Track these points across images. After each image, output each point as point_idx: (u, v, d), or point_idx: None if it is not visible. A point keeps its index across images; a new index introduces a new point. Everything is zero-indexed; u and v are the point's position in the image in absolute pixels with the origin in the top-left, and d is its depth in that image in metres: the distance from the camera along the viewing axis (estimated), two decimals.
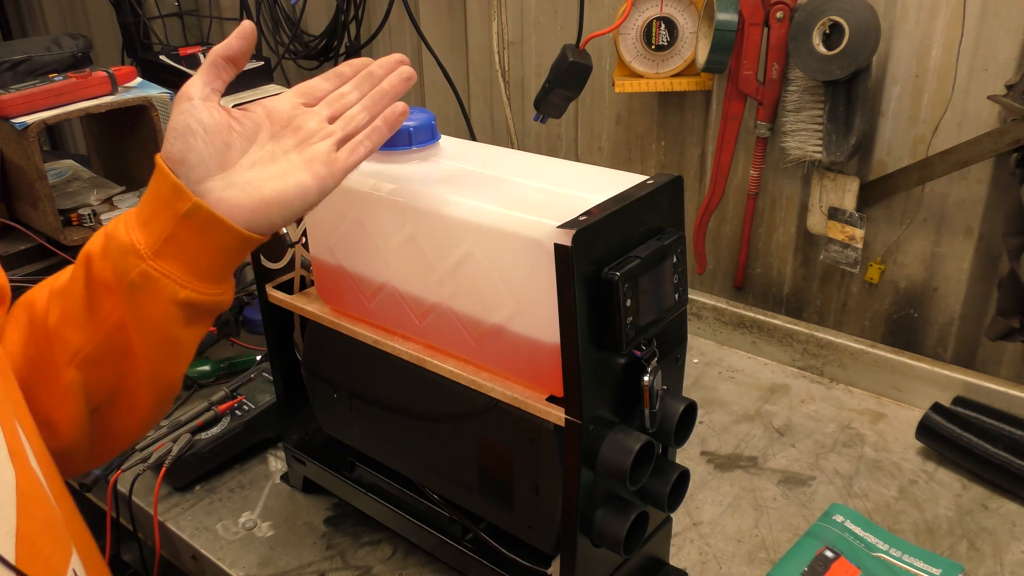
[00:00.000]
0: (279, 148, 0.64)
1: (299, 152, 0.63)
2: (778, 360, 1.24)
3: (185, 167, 0.59)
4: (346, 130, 0.65)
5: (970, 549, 0.89)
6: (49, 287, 0.65)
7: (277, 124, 0.65)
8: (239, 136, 0.62)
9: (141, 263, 0.59)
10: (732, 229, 1.33)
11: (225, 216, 0.59)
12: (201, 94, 0.61)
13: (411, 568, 0.88)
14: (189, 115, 0.60)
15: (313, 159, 0.63)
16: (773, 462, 1.02)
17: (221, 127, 0.61)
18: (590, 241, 0.60)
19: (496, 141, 1.59)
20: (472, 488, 0.77)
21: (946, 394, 1.09)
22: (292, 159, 0.63)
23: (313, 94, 0.68)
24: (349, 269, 0.79)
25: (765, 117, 1.18)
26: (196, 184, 0.59)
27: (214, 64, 0.63)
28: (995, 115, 1.04)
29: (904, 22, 1.07)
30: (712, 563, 0.88)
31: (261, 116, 0.64)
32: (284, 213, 0.61)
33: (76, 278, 0.62)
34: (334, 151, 0.64)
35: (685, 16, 1.20)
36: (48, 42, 1.44)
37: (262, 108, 0.65)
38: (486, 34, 1.50)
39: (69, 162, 1.49)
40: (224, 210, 0.59)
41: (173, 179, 0.58)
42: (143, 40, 1.90)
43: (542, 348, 0.66)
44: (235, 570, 0.88)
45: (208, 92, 0.62)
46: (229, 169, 0.61)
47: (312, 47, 1.73)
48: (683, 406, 0.69)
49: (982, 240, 1.10)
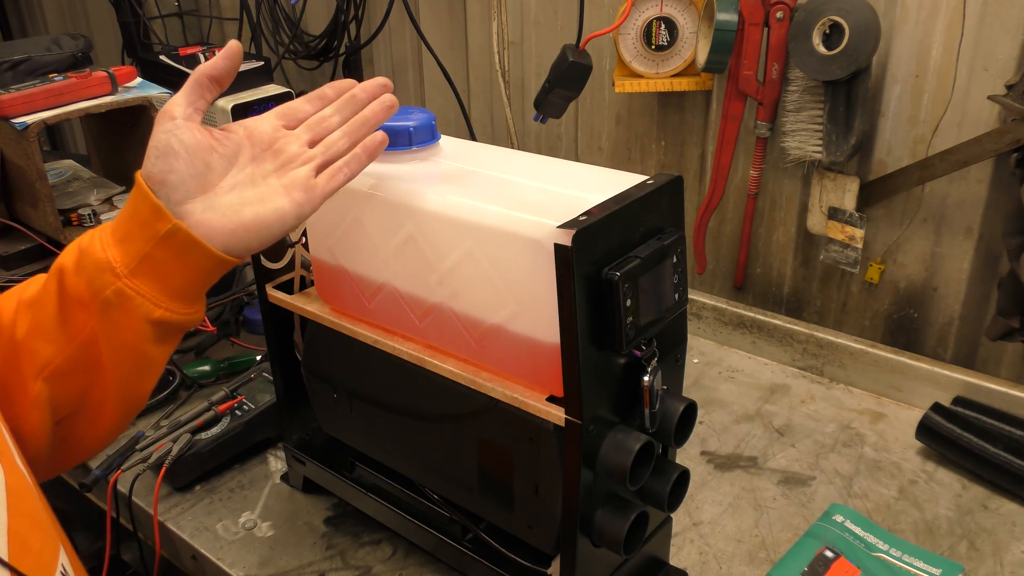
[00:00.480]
0: (259, 171, 0.64)
1: (279, 177, 0.64)
2: (778, 360, 1.24)
3: (166, 187, 0.60)
4: (326, 156, 0.66)
5: (970, 549, 0.89)
6: (17, 297, 0.64)
7: (258, 147, 0.65)
8: (220, 157, 0.62)
9: (116, 281, 0.59)
10: (732, 229, 1.33)
11: (203, 239, 0.59)
12: (184, 113, 0.62)
13: (411, 568, 0.88)
14: (171, 135, 0.60)
15: (293, 184, 0.63)
16: (773, 462, 1.02)
17: (202, 148, 0.61)
18: (590, 241, 0.60)
19: (496, 141, 1.59)
20: (472, 488, 0.77)
21: (946, 394, 1.09)
22: (271, 184, 0.63)
23: (295, 116, 0.68)
24: (349, 269, 0.79)
25: (765, 117, 1.18)
26: (176, 205, 0.60)
27: (198, 83, 0.63)
28: (995, 115, 1.04)
29: (904, 22, 1.07)
30: (712, 563, 0.88)
31: (242, 137, 0.65)
32: (262, 237, 0.62)
33: (48, 291, 0.62)
34: (313, 177, 0.64)
35: (685, 16, 1.20)
36: (48, 42, 1.44)
37: (243, 129, 0.65)
38: (486, 34, 1.50)
39: (69, 162, 1.49)
40: (203, 233, 0.60)
41: (153, 199, 0.59)
42: (143, 40, 1.90)
43: (542, 348, 0.66)
44: (235, 570, 0.88)
45: (191, 112, 0.62)
46: (209, 191, 0.61)
47: (312, 47, 1.73)
48: (683, 406, 0.69)
49: (982, 240, 1.10)
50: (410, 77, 1.71)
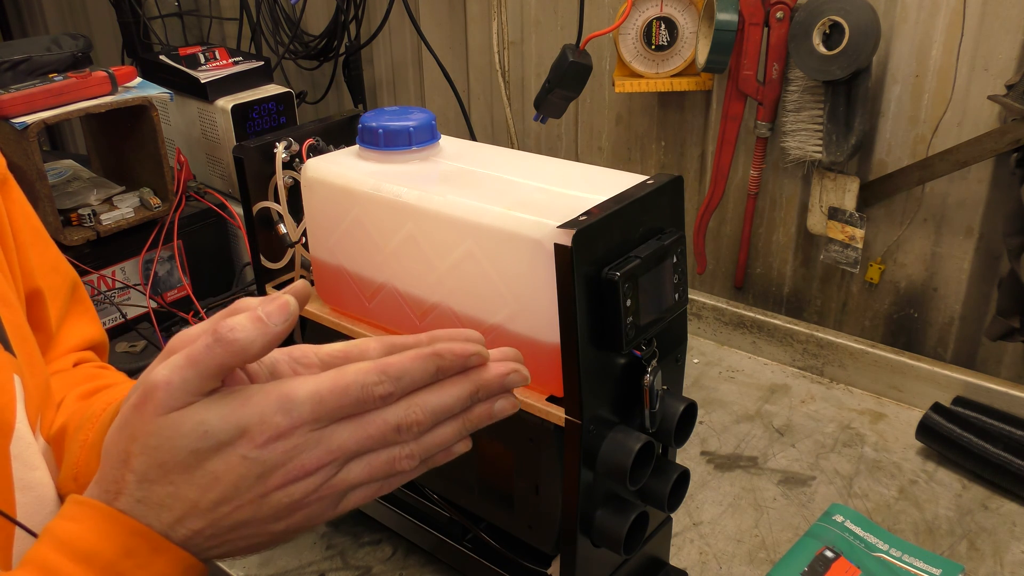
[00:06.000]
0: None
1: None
2: (778, 360, 1.24)
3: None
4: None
5: (970, 549, 0.89)
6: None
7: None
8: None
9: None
10: (732, 229, 1.33)
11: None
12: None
13: (411, 568, 0.88)
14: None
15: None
16: (773, 462, 1.02)
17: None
18: (590, 241, 0.60)
19: (496, 141, 1.59)
20: (472, 488, 0.77)
21: (946, 394, 1.09)
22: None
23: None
24: (349, 269, 0.79)
25: (765, 117, 1.18)
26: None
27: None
28: (995, 115, 1.04)
29: (904, 22, 1.07)
30: (712, 563, 0.88)
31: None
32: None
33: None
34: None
35: (685, 16, 1.20)
36: (48, 42, 1.44)
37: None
38: (486, 34, 1.50)
39: (69, 162, 1.49)
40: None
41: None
42: (143, 40, 1.90)
43: (542, 348, 0.66)
44: (235, 570, 0.88)
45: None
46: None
47: (312, 47, 1.73)
48: (683, 406, 0.69)
49: (982, 240, 1.10)
50: (410, 77, 1.71)
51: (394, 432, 0.45)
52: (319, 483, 0.44)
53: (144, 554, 0.43)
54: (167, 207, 1.34)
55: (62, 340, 0.73)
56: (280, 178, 0.83)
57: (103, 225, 1.28)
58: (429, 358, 0.46)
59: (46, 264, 0.71)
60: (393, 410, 0.45)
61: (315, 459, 0.44)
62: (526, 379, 0.49)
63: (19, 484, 0.56)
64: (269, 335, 0.44)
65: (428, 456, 0.47)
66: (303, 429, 0.43)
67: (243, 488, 0.43)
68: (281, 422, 0.43)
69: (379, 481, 0.46)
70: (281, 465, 0.43)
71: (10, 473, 0.56)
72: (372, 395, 0.44)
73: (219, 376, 0.44)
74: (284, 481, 0.43)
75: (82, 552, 0.43)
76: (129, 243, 1.32)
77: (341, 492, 0.45)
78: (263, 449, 0.43)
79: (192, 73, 1.44)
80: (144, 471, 0.44)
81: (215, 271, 1.47)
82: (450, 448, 0.48)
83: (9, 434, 0.56)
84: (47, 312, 0.70)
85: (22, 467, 0.57)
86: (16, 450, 0.56)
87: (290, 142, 0.84)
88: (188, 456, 0.43)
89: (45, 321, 0.70)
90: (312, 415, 0.43)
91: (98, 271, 1.30)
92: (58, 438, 0.65)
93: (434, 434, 0.47)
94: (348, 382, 0.44)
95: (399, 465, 0.46)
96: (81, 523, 0.44)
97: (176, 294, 1.41)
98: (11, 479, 0.56)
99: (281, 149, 0.83)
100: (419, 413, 0.45)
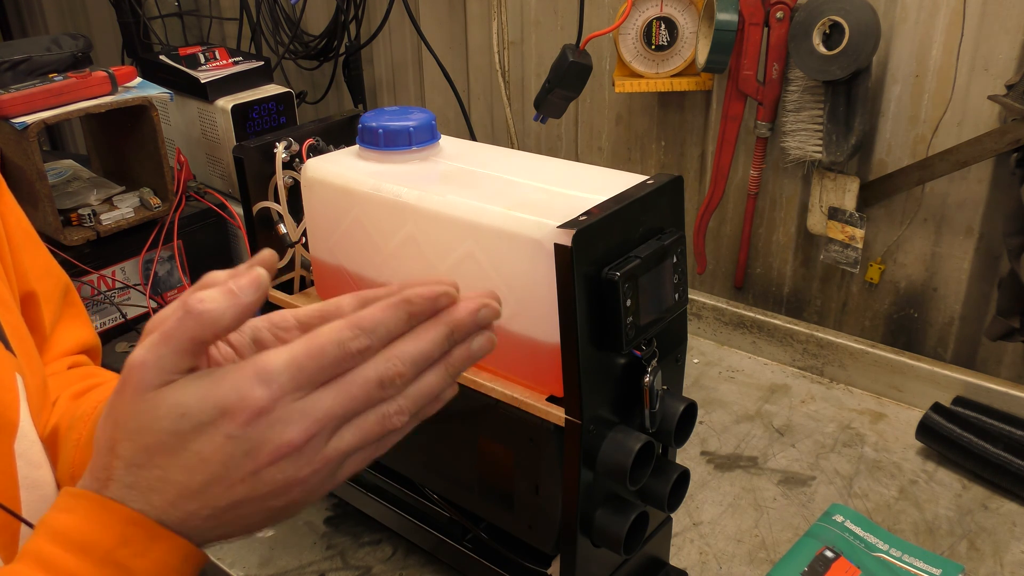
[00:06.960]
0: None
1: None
2: (778, 360, 1.24)
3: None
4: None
5: (970, 549, 0.89)
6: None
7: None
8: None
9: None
10: (732, 229, 1.33)
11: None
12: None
13: (411, 568, 0.88)
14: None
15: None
16: (773, 462, 1.02)
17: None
18: (590, 241, 0.60)
19: (496, 141, 1.59)
20: (472, 488, 0.77)
21: (946, 394, 1.09)
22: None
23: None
24: (349, 269, 0.79)
25: (765, 117, 1.18)
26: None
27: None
28: (995, 115, 1.04)
29: (904, 22, 1.07)
30: (712, 563, 0.88)
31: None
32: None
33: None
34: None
35: (685, 16, 1.20)
36: (48, 42, 1.44)
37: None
38: (486, 34, 1.50)
39: (69, 162, 1.49)
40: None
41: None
42: (143, 40, 1.90)
43: (542, 348, 0.66)
44: (235, 570, 0.88)
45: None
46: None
47: (312, 47, 1.73)
48: (683, 406, 0.69)
49: (982, 240, 1.10)
50: (410, 77, 1.71)
51: (378, 388, 0.44)
52: (311, 455, 0.43)
53: (141, 541, 0.43)
54: (167, 207, 1.34)
55: (56, 343, 0.73)
56: (280, 178, 0.83)
57: (103, 225, 1.28)
58: (399, 305, 0.45)
59: (39, 267, 0.71)
60: (372, 365, 0.44)
61: (303, 431, 0.42)
62: (497, 312, 0.48)
63: (24, 482, 0.56)
64: (240, 306, 0.43)
65: (418, 408, 0.46)
66: (285, 400, 0.42)
67: (232, 467, 0.42)
68: (261, 396, 0.42)
69: (373, 444, 0.45)
70: (268, 441, 0.42)
71: (15, 471, 0.56)
72: (349, 351, 0.43)
73: (193, 351, 0.43)
74: (274, 457, 0.42)
75: (78, 542, 0.43)
76: (129, 243, 1.33)
77: (336, 461, 0.44)
78: (247, 427, 0.42)
79: (192, 73, 1.44)
80: (130, 456, 0.43)
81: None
82: (438, 396, 0.47)
83: (13, 432, 0.56)
84: (41, 315, 0.70)
85: (27, 465, 0.57)
86: (20, 448, 0.57)
87: (290, 142, 0.84)
88: (170, 438, 0.42)
89: (39, 324, 0.70)
90: (293, 383, 0.42)
91: (98, 271, 1.30)
92: (51, 438, 0.65)
93: (419, 384, 0.46)
94: (323, 342, 0.43)
95: (390, 423, 0.45)
96: (75, 514, 0.44)
97: (176, 294, 1.41)
98: (16, 477, 0.56)
99: (281, 149, 0.83)
100: (399, 364, 0.44)
